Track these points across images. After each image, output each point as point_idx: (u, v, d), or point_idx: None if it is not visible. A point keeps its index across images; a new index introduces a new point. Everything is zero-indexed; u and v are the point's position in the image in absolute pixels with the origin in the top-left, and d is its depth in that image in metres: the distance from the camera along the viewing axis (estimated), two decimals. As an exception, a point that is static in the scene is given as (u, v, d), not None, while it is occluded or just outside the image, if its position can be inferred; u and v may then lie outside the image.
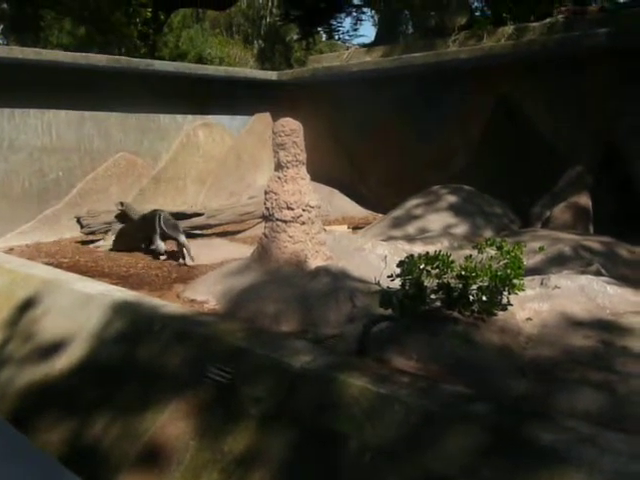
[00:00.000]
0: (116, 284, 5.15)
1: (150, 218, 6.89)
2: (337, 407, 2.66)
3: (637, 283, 4.59)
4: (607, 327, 3.61)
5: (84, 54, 8.37)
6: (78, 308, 4.23)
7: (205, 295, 4.90)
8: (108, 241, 7.54)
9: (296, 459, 2.63)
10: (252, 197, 9.29)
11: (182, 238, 6.50)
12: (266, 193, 5.11)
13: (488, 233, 7.09)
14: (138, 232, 7.18)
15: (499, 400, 2.78)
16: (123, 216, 7.75)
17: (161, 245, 6.67)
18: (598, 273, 4.92)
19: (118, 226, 7.72)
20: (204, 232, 8.15)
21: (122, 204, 7.73)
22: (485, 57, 8.30)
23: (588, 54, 7.63)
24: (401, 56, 9.25)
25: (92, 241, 7.71)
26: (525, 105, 8.54)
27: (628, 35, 7.19)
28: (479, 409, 2.41)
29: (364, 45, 13.60)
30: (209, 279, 5.23)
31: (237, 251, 6.56)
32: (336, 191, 10.20)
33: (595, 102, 7.86)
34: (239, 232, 8.31)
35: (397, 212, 7.99)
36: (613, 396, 2.99)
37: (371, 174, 10.33)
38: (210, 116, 10.06)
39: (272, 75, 10.75)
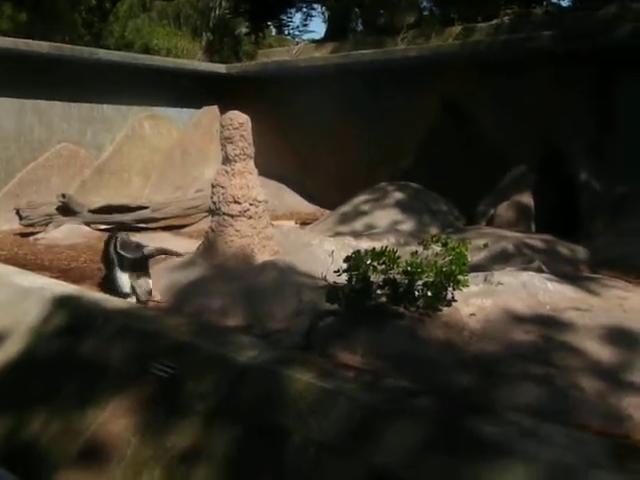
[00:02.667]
0: (57, 278, 5.01)
1: (106, 245, 5.05)
2: (282, 402, 2.64)
3: (576, 280, 4.71)
4: (547, 322, 3.69)
5: (25, 40, 8.12)
6: (16, 302, 4.10)
7: (149, 289, 4.82)
8: (49, 233, 7.35)
9: (240, 454, 2.61)
10: (199, 191, 9.19)
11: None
12: (213, 187, 5.05)
13: (434, 230, 7.17)
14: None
15: (443, 394, 2.81)
16: (65, 209, 7.56)
17: (122, 281, 4.72)
18: (539, 270, 5.03)
19: (59, 219, 7.53)
20: (149, 226, 8.02)
21: (64, 196, 7.55)
22: (433, 56, 8.39)
23: (532, 56, 7.79)
24: (350, 53, 9.28)
25: (32, 233, 7.49)
26: (471, 104, 8.67)
27: (570, 38, 7.37)
28: (423, 403, 2.43)
29: (314, 41, 13.59)
30: (153, 274, 5.14)
31: (183, 245, 6.46)
32: (284, 186, 10.18)
33: (538, 103, 8.03)
34: (185, 226, 8.20)
35: (344, 208, 8.02)
36: (553, 389, 3.06)
37: (319, 170, 10.33)
38: (156, 108, 9.90)
39: (221, 68, 10.65)
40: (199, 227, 7.80)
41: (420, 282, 3.52)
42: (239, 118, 5.01)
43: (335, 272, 3.69)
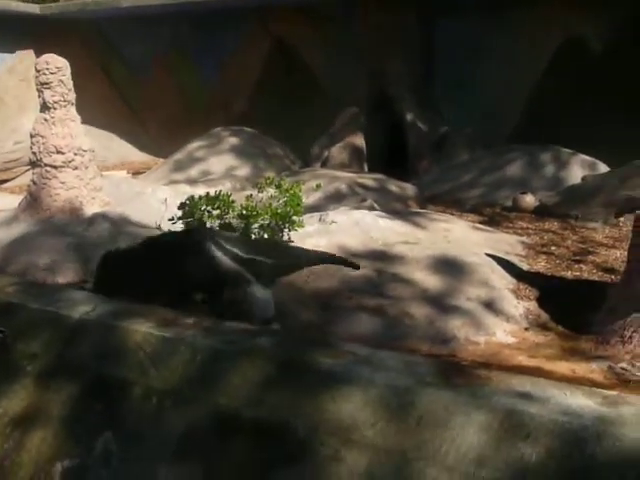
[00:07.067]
0: None
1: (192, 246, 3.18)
2: (120, 355, 2.57)
3: (405, 216, 4.96)
4: (379, 257, 3.87)
5: None
6: None
7: (-34, 250, 4.46)
8: None
9: (78, 413, 2.52)
10: (18, 143, 8.52)
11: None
12: (32, 136, 4.73)
13: (270, 174, 7.17)
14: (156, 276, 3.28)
15: (284, 332, 2.87)
16: None
17: (265, 299, 3.14)
18: (371, 208, 5.24)
19: None
20: (-38, 183, 7.38)
21: None
22: (262, -3, 8.28)
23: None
24: (176, -7, 8.90)
25: None
26: (301, 48, 8.70)
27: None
28: (263, 342, 2.46)
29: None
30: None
31: (2, 202, 6.01)
32: (114, 135, 9.74)
33: (367, 47, 8.21)
34: (5, 181, 7.65)
35: (178, 155, 7.85)
36: (385, 319, 3.23)
37: (150, 117, 9.96)
38: (-39, 53, 8.99)
39: (34, 8, 9.78)
40: (21, 181, 7.31)
41: (256, 225, 3.54)
42: (57, 62, 4.68)
43: (170, 220, 3.62)
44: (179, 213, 3.59)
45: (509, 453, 1.78)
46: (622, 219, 5.44)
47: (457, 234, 4.58)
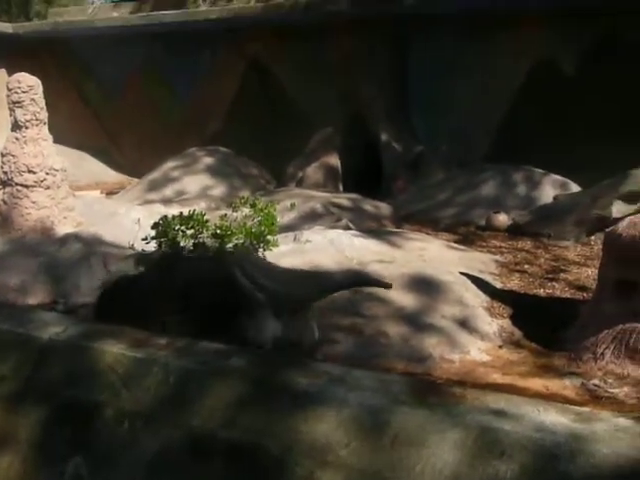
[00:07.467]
0: None
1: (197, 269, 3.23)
2: (91, 376, 2.53)
3: (381, 235, 4.98)
4: (354, 276, 3.85)
5: None
6: None
7: None
8: None
9: (48, 436, 2.47)
10: (-10, 162, 8.45)
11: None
12: (3, 156, 4.69)
13: (245, 193, 7.17)
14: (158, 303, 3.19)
15: (257, 351, 2.85)
16: None
17: (270, 329, 3.10)
18: (346, 227, 5.25)
19: None
20: None
21: None
22: (235, 19, 8.32)
23: (333, 21, 7.98)
24: (150, 14, 8.94)
25: None
26: (275, 69, 8.74)
27: (368, 5, 7.64)
28: (236, 363, 2.44)
29: (112, 1, 12.92)
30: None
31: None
32: (87, 155, 9.68)
33: (341, 68, 8.28)
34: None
35: (153, 175, 7.82)
36: (360, 338, 3.23)
37: (124, 137, 9.93)
38: None
39: (7, 28, 9.77)
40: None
41: (230, 244, 3.52)
42: (28, 81, 4.66)
43: (143, 240, 3.58)
44: (153, 233, 3.56)
45: (484, 470, 1.78)
46: (593, 237, 5.51)
47: (432, 253, 4.61)
